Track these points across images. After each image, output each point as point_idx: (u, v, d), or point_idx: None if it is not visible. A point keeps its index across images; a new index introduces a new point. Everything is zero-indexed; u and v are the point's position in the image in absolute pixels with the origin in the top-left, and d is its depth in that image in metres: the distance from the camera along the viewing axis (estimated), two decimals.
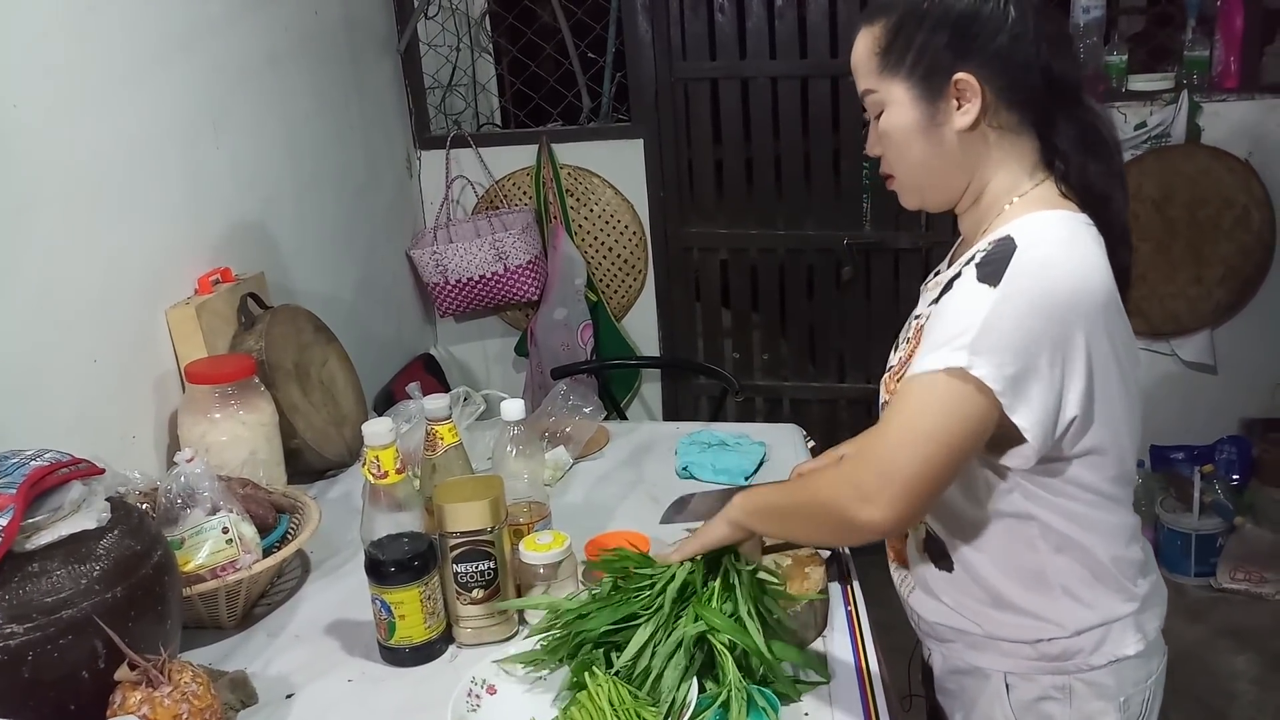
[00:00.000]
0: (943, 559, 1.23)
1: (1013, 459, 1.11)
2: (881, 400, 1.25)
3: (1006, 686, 1.22)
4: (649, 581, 1.25)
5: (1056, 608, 1.17)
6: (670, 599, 1.21)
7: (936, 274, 1.29)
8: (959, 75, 1.11)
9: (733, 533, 1.26)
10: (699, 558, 1.26)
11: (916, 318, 1.25)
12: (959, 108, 1.13)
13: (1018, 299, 1.04)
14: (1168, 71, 2.96)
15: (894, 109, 1.16)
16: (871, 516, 1.07)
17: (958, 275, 1.11)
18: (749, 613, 1.20)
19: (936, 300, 1.14)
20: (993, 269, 1.06)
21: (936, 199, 1.22)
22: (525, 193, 3.19)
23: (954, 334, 1.04)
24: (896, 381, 1.20)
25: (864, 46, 1.17)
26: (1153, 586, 1.22)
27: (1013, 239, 1.07)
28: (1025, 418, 1.05)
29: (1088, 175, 1.15)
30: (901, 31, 1.13)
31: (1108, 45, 2.96)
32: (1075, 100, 1.15)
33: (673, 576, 1.24)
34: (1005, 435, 1.08)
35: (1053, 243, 1.08)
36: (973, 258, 1.10)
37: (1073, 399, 1.08)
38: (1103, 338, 1.09)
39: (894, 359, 1.26)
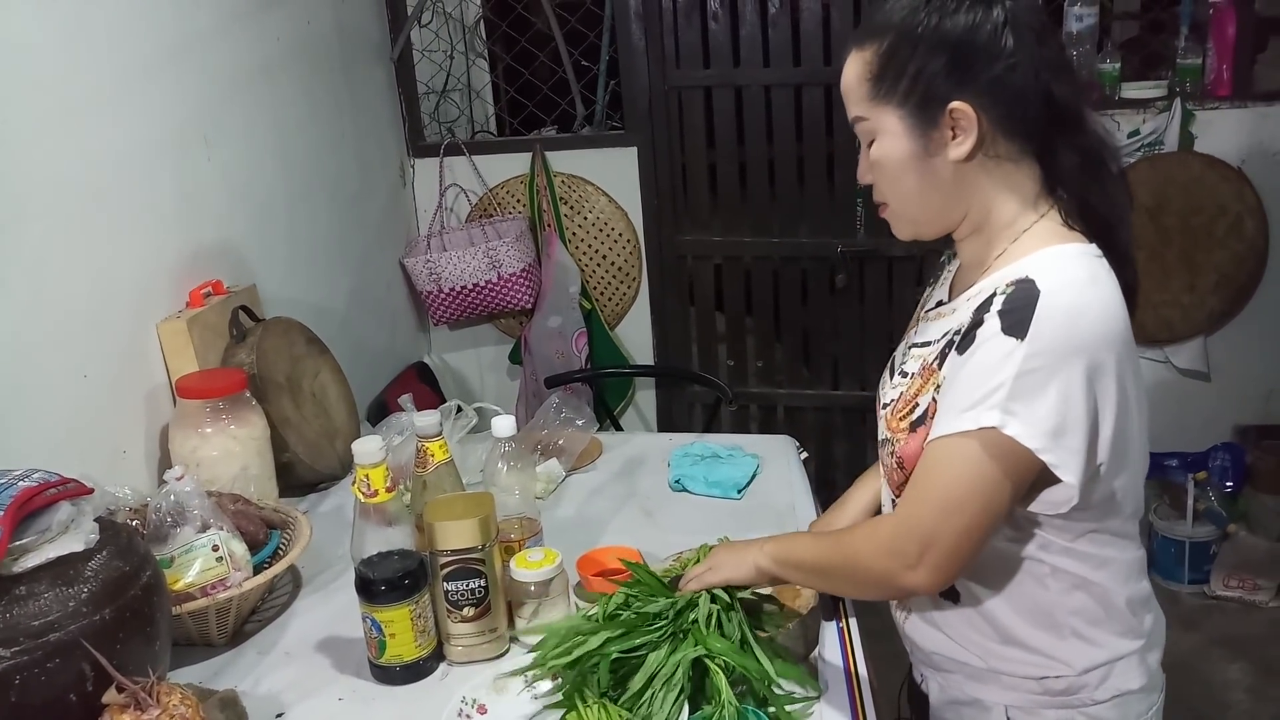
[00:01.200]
0: (948, 591, 1.21)
1: (1042, 505, 1.10)
2: (881, 436, 1.23)
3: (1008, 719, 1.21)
4: (663, 611, 1.23)
5: (1065, 647, 1.16)
6: (693, 634, 1.19)
7: (939, 304, 1.24)
8: (954, 104, 1.07)
9: (758, 578, 1.25)
10: (715, 591, 1.25)
11: (916, 346, 1.22)
12: (954, 138, 1.08)
13: (1048, 352, 1.00)
14: (1161, 79, 2.96)
15: (886, 138, 1.12)
16: (918, 583, 1.09)
17: (979, 324, 1.06)
18: (748, 635, 1.20)
19: (958, 348, 1.09)
20: (1017, 318, 1.02)
21: (931, 230, 1.17)
22: (519, 201, 3.19)
23: (985, 392, 1.02)
24: (901, 419, 1.17)
25: (854, 72, 1.13)
26: (1156, 620, 1.22)
27: (1033, 282, 1.03)
28: (1070, 472, 1.03)
29: (1090, 203, 1.11)
30: (895, 58, 1.09)
31: (1101, 53, 2.95)
32: (1077, 126, 1.11)
33: (692, 605, 1.23)
34: (1036, 484, 1.07)
35: (1075, 285, 1.04)
36: (989, 302, 1.06)
37: (1103, 445, 1.06)
38: (1128, 378, 1.06)
39: (893, 392, 1.22)
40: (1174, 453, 3.15)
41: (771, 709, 1.16)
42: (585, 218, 3.18)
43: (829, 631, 1.38)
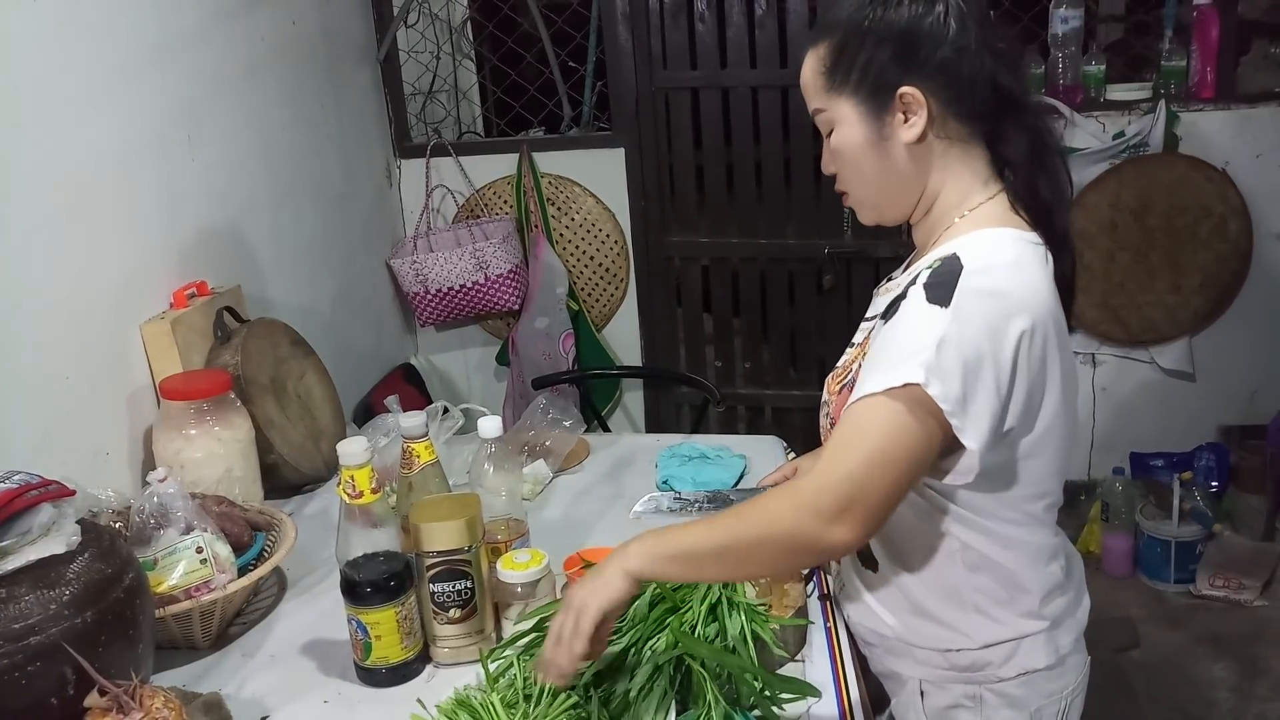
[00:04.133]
0: (869, 559, 1.26)
1: (950, 476, 1.12)
2: (822, 400, 1.27)
3: (921, 693, 1.25)
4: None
5: (966, 621, 1.20)
6: (673, 632, 1.18)
7: (890, 279, 1.30)
8: (903, 89, 1.13)
9: (630, 588, 1.08)
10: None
11: (867, 320, 1.27)
12: (905, 120, 1.14)
13: (968, 321, 1.05)
14: (1145, 81, 2.98)
15: (843, 126, 1.18)
16: (840, 538, 1.06)
17: (904, 296, 1.11)
18: (742, 638, 1.19)
19: (884, 316, 1.14)
20: (942, 290, 1.07)
21: (891, 213, 1.23)
22: (506, 201, 3.18)
23: (907, 354, 1.05)
24: (838, 384, 1.23)
25: (810, 68, 1.19)
26: (1069, 603, 1.24)
27: (959, 258, 1.09)
28: (972, 438, 1.06)
29: (1035, 185, 1.17)
30: (845, 50, 1.15)
31: (1086, 55, 2.97)
32: (1022, 110, 1.17)
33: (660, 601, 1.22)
34: (943, 453, 1.10)
35: (998, 266, 1.09)
36: (917, 276, 1.12)
37: (1013, 413, 1.09)
38: (1046, 361, 1.10)
39: (839, 361, 1.28)
40: (1160, 453, 3.17)
41: (758, 713, 1.16)
42: (572, 219, 3.18)
43: (816, 631, 1.38)
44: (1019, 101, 1.16)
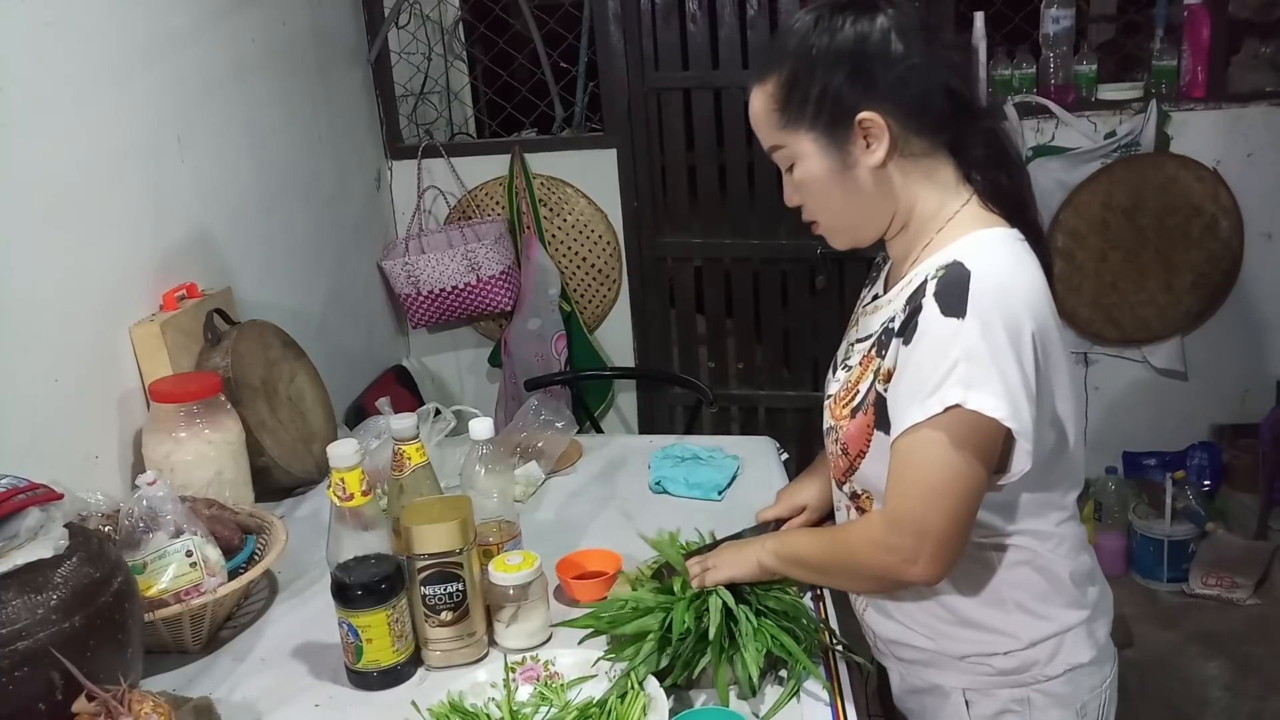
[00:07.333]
0: None
1: (1008, 478, 1.12)
2: (826, 426, 1.27)
3: (966, 703, 1.23)
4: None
5: (1011, 621, 1.19)
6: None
7: (875, 298, 1.28)
8: (862, 115, 1.11)
9: (761, 575, 1.28)
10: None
11: (859, 341, 1.26)
12: (868, 146, 1.13)
13: (986, 326, 1.05)
14: (1137, 81, 2.98)
15: (805, 161, 1.17)
16: (919, 575, 1.12)
17: (917, 310, 1.10)
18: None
19: (902, 337, 1.12)
20: (954, 299, 1.06)
21: (867, 235, 1.22)
22: (498, 203, 3.18)
23: (942, 374, 1.05)
24: (844, 407, 1.21)
25: (760, 105, 1.18)
26: (1101, 592, 1.25)
27: (962, 264, 1.08)
28: (1027, 437, 1.07)
29: (1001, 185, 1.17)
30: (796, 84, 1.13)
31: (1077, 55, 2.97)
32: (975, 114, 1.17)
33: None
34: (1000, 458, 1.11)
35: (1001, 265, 1.09)
36: (922, 287, 1.10)
37: (1046, 407, 1.11)
38: (1058, 353, 1.12)
39: (835, 385, 1.27)
40: (1152, 452, 3.18)
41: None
42: (565, 220, 3.17)
43: None
44: (972, 106, 1.16)
